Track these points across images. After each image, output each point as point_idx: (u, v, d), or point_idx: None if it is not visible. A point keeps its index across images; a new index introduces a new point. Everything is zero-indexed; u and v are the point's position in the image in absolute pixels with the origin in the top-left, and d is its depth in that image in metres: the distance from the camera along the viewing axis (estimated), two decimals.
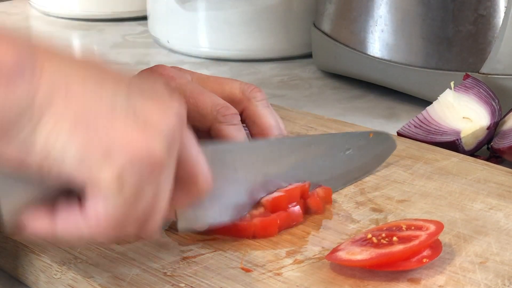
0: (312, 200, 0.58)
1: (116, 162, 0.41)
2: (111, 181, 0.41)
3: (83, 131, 0.41)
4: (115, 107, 0.42)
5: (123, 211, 0.43)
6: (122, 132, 0.41)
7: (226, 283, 0.50)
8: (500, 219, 0.57)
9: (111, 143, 0.41)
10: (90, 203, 0.42)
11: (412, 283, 0.50)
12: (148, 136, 0.42)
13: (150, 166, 0.42)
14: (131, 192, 0.42)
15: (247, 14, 1.03)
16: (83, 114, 0.41)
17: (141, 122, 0.42)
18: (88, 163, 0.41)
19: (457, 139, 0.71)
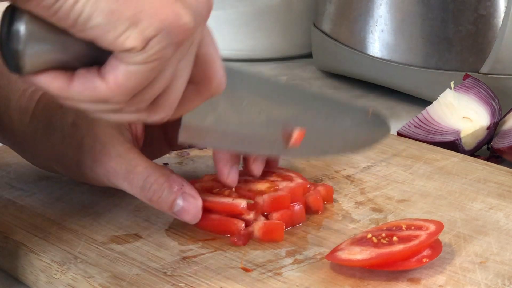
0: (313, 199, 0.58)
1: (143, 28, 0.41)
2: (137, 47, 0.41)
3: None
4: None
5: (143, 79, 0.42)
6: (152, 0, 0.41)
7: (226, 283, 0.50)
8: (500, 219, 0.57)
9: (140, 9, 0.41)
10: (111, 67, 0.42)
11: (412, 283, 0.50)
12: (178, 5, 0.42)
13: (177, 35, 0.42)
14: (154, 61, 0.42)
15: (247, 14, 1.03)
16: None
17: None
18: (115, 26, 0.41)
19: (457, 139, 0.71)
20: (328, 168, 0.67)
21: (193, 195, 0.55)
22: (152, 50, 0.41)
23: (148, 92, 0.43)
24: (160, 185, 0.54)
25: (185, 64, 0.44)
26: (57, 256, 0.53)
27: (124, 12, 0.40)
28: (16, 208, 0.60)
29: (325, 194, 0.60)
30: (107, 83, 0.42)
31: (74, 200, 0.61)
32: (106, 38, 0.41)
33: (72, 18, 0.40)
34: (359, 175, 0.65)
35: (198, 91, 0.47)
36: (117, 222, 0.58)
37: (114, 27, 0.41)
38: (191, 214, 0.55)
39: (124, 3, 0.41)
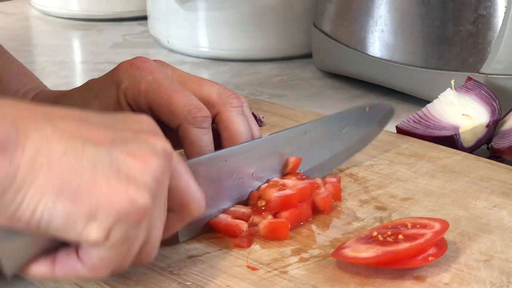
0: (321, 199, 0.58)
1: (102, 221, 0.43)
2: (99, 238, 0.43)
3: (68, 197, 0.42)
4: (97, 166, 0.43)
5: (117, 257, 0.44)
6: (105, 191, 0.43)
7: (232, 281, 0.50)
8: (504, 217, 0.58)
9: (96, 204, 0.42)
10: (85, 252, 0.44)
11: (417, 280, 0.50)
12: (131, 190, 0.43)
13: (136, 218, 0.44)
14: (121, 243, 0.44)
15: (247, 14, 1.03)
16: (67, 181, 0.42)
17: (124, 177, 0.43)
18: (75, 226, 0.43)
19: (456, 134, 0.72)
20: None
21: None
22: (115, 237, 0.43)
23: (126, 259, 0.45)
24: None
25: (157, 216, 0.46)
26: None
27: (80, 211, 0.42)
28: None
29: (334, 192, 0.60)
30: (85, 267, 0.44)
31: None
32: (70, 237, 0.43)
33: (33, 225, 0.42)
34: (363, 173, 0.65)
35: (178, 218, 0.49)
36: None
37: (74, 226, 0.43)
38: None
39: (78, 202, 0.42)
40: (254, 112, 0.76)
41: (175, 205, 0.48)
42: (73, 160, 0.42)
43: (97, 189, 0.43)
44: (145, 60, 0.61)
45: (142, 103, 0.59)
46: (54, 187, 0.42)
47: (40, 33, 1.26)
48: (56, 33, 1.22)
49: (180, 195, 0.48)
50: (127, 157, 0.44)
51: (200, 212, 0.49)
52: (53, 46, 1.16)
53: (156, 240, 0.47)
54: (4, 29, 1.25)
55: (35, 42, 1.22)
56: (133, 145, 0.45)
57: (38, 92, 0.67)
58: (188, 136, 0.58)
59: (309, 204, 0.58)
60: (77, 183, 0.42)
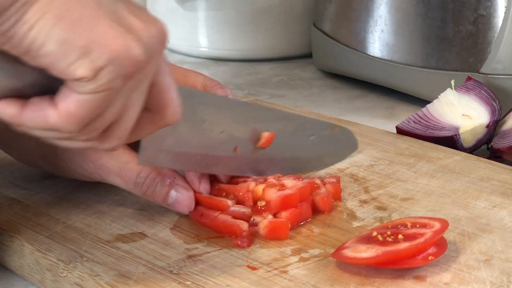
0: (321, 199, 0.58)
1: (94, 58, 0.42)
2: (88, 76, 0.42)
3: (66, 24, 0.41)
4: (101, 6, 0.42)
5: (93, 108, 0.43)
6: (104, 31, 0.42)
7: (232, 281, 0.50)
8: (504, 217, 0.58)
9: (92, 40, 0.42)
10: (62, 96, 0.43)
11: (417, 280, 0.50)
12: (129, 38, 0.42)
13: (127, 67, 0.43)
14: (104, 91, 0.43)
15: (247, 14, 1.03)
16: (70, 6, 0.41)
17: (125, 25, 0.43)
18: (66, 56, 0.41)
19: (456, 135, 0.72)
20: (331, 166, 0.67)
21: (185, 187, 0.57)
22: (102, 80, 0.42)
23: (99, 122, 0.44)
24: (153, 180, 0.57)
25: (137, 96, 0.45)
26: (63, 254, 0.53)
27: (76, 42, 0.41)
28: (21, 207, 0.60)
29: (334, 193, 0.60)
30: (58, 112, 0.43)
31: (78, 199, 0.61)
32: (58, 66, 0.42)
33: (25, 44, 0.41)
34: (363, 173, 0.65)
35: (153, 120, 0.48)
36: (122, 221, 0.58)
37: (65, 55, 0.41)
38: (185, 205, 0.57)
39: (77, 32, 0.41)
40: None
41: (152, 104, 0.47)
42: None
43: (97, 26, 0.42)
44: None
45: None
46: (56, 10, 0.41)
47: None
48: None
49: (160, 94, 0.46)
50: (129, 14, 0.43)
51: (174, 119, 0.48)
52: None
53: (129, 122, 0.45)
54: None
55: None
56: (137, 9, 0.44)
57: None
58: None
59: (309, 204, 0.58)
60: (79, 14, 0.41)
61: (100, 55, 0.42)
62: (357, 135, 0.72)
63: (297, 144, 0.64)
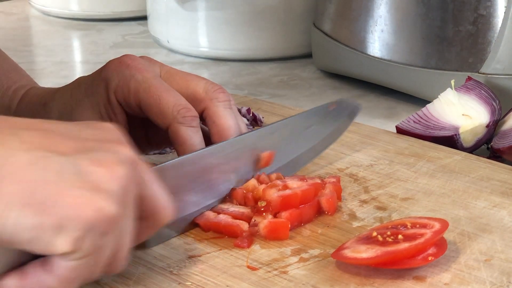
0: (326, 200, 0.58)
1: (69, 232, 0.42)
2: (68, 249, 0.42)
3: (34, 209, 0.42)
4: (63, 177, 0.43)
5: (87, 267, 0.44)
6: (72, 201, 0.42)
7: (232, 282, 0.50)
8: (504, 217, 0.58)
9: (62, 214, 0.42)
10: (54, 264, 0.44)
11: (417, 281, 0.50)
12: (98, 199, 0.43)
13: (103, 227, 0.43)
14: (90, 253, 0.43)
15: (247, 14, 1.03)
16: (32, 192, 0.42)
17: (90, 185, 0.43)
18: (42, 237, 0.42)
19: (455, 134, 0.72)
20: (331, 166, 0.67)
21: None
22: (84, 247, 0.43)
23: (97, 268, 0.45)
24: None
25: (125, 224, 0.45)
26: None
27: (46, 223, 0.42)
28: None
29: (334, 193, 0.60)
30: (55, 278, 0.44)
31: None
32: (38, 249, 0.43)
33: (4, 238, 0.42)
34: (363, 173, 0.65)
35: (148, 226, 0.48)
36: None
37: (41, 238, 0.42)
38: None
39: (45, 214, 0.42)
40: (254, 112, 0.76)
41: (144, 213, 0.47)
42: (38, 172, 0.42)
43: (64, 200, 0.42)
44: (134, 58, 0.61)
45: (131, 102, 0.60)
46: (19, 199, 0.41)
47: (40, 33, 1.26)
48: (56, 33, 1.22)
49: (148, 203, 0.47)
50: (92, 166, 0.43)
51: (168, 219, 0.49)
52: (53, 46, 1.16)
53: (126, 248, 0.46)
54: (4, 29, 1.25)
55: (35, 42, 1.22)
56: (98, 153, 0.44)
57: (29, 90, 0.67)
58: (179, 135, 0.58)
59: (313, 206, 0.58)
60: (43, 195, 0.42)
61: (75, 227, 0.42)
62: (357, 135, 0.73)
63: (296, 144, 0.64)
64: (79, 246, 0.43)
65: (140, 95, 0.59)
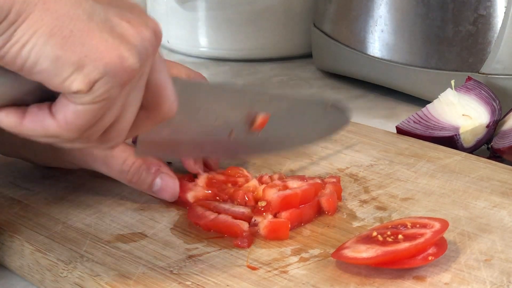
0: (326, 200, 0.58)
1: (89, 72, 0.42)
2: (82, 87, 0.42)
3: (58, 41, 0.42)
4: (93, 18, 0.43)
5: (91, 117, 0.44)
6: (97, 44, 0.42)
7: (232, 281, 0.50)
8: (504, 217, 0.58)
9: (85, 54, 0.42)
10: (60, 106, 0.43)
11: (417, 280, 0.50)
12: (122, 48, 0.43)
13: (122, 77, 0.43)
14: (101, 101, 0.43)
15: (247, 14, 1.03)
16: (60, 22, 0.42)
17: (117, 35, 0.43)
18: (61, 72, 0.42)
19: (456, 135, 0.72)
20: (331, 166, 0.67)
21: (170, 175, 0.59)
22: (98, 92, 0.43)
23: (98, 127, 0.45)
24: (138, 167, 0.58)
25: (133, 97, 0.46)
26: (63, 254, 0.53)
27: (69, 58, 0.42)
28: (21, 207, 0.60)
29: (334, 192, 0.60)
30: (57, 122, 0.44)
31: (78, 199, 0.61)
32: (53, 82, 0.42)
33: (18, 63, 0.42)
34: (363, 173, 0.65)
35: (150, 116, 0.48)
36: (122, 221, 0.58)
37: (60, 72, 0.42)
38: (169, 193, 0.59)
39: (69, 48, 0.42)
40: None
41: (149, 101, 0.47)
42: (69, 6, 0.42)
43: (89, 40, 0.42)
44: None
45: None
46: (47, 27, 0.41)
47: None
48: None
49: (156, 91, 0.47)
50: (121, 20, 0.44)
51: (170, 115, 0.48)
52: None
53: (127, 122, 0.46)
54: None
55: None
56: (129, 13, 0.45)
57: None
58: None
59: (313, 206, 0.58)
60: (70, 29, 0.42)
61: (94, 68, 0.42)
62: (357, 135, 0.73)
63: (289, 123, 0.64)
64: (93, 88, 0.42)
65: None
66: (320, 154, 0.69)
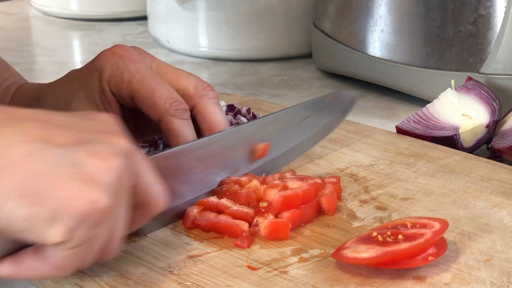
0: (326, 200, 0.58)
1: (63, 222, 0.43)
2: (60, 239, 0.43)
3: (29, 200, 0.43)
4: (59, 169, 0.43)
5: (80, 256, 0.45)
6: (66, 193, 0.43)
7: (232, 281, 0.50)
8: (504, 217, 0.58)
9: (57, 206, 0.43)
10: (49, 252, 0.45)
11: (417, 281, 0.50)
12: (91, 191, 0.44)
13: (97, 218, 0.44)
14: (82, 242, 0.44)
15: (247, 14, 1.03)
16: (29, 183, 0.43)
17: (85, 177, 0.44)
18: (36, 227, 0.43)
19: (456, 135, 0.72)
20: (331, 166, 0.67)
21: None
22: (77, 237, 0.44)
23: (89, 257, 0.46)
24: None
25: (119, 214, 0.46)
26: None
27: (41, 214, 0.43)
28: None
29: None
30: (49, 266, 0.45)
31: None
32: (31, 238, 0.44)
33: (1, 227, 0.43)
34: (363, 173, 0.65)
35: (141, 215, 0.49)
36: None
37: (35, 228, 0.43)
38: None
39: (40, 205, 0.43)
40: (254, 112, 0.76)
41: (138, 202, 0.48)
42: (35, 163, 0.43)
43: (58, 192, 0.43)
44: (126, 48, 0.62)
45: (124, 92, 0.60)
46: (15, 190, 0.42)
47: (40, 33, 1.26)
48: (56, 33, 1.22)
49: (143, 193, 0.48)
50: (88, 157, 0.44)
51: (162, 208, 0.50)
52: (53, 46, 1.16)
53: (118, 238, 0.47)
54: (4, 29, 1.25)
55: (35, 42, 1.22)
56: (95, 145, 0.45)
57: (21, 85, 0.67)
58: (172, 127, 0.59)
59: (313, 206, 0.58)
60: (38, 186, 0.43)
61: (67, 218, 0.43)
62: (357, 135, 0.73)
63: (292, 135, 0.64)
64: (71, 237, 0.43)
65: (133, 86, 0.60)
66: (320, 154, 0.69)
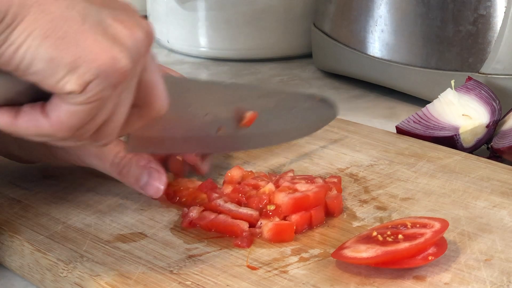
0: (331, 202, 0.58)
1: (82, 73, 0.43)
2: (75, 88, 0.43)
3: (52, 42, 0.42)
4: (86, 20, 0.43)
5: (84, 117, 0.44)
6: (90, 45, 0.43)
7: (232, 281, 0.50)
8: (504, 217, 0.58)
9: (79, 55, 0.43)
10: (53, 106, 0.44)
11: (417, 280, 0.50)
12: (115, 50, 0.44)
13: (114, 78, 0.44)
14: (93, 102, 0.44)
15: (247, 14, 1.03)
16: (55, 24, 0.42)
17: (110, 36, 0.44)
18: (55, 73, 0.43)
19: (455, 135, 0.72)
20: (331, 166, 0.67)
21: (158, 170, 0.59)
22: (90, 92, 0.44)
23: (90, 125, 0.46)
24: (129, 160, 0.59)
25: (125, 96, 0.46)
26: (63, 254, 0.53)
27: (63, 59, 0.42)
28: (21, 207, 0.60)
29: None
30: (50, 121, 0.44)
31: (78, 199, 0.61)
32: (47, 83, 0.43)
33: (13, 64, 0.42)
34: (363, 173, 0.65)
35: (141, 114, 0.49)
36: (122, 221, 0.58)
37: (54, 73, 0.43)
38: (154, 187, 0.58)
39: (63, 50, 0.42)
40: None
41: (140, 100, 0.48)
42: (63, 8, 0.43)
43: (83, 41, 0.43)
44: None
45: None
46: (41, 29, 0.42)
47: None
48: None
49: (147, 89, 0.48)
50: (114, 21, 0.45)
51: (161, 112, 0.49)
52: None
53: (119, 121, 0.47)
54: None
55: None
56: (122, 14, 0.45)
57: None
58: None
59: (323, 208, 0.57)
60: (65, 31, 0.42)
61: (87, 69, 0.43)
62: (357, 135, 0.73)
63: (277, 118, 0.64)
64: (86, 89, 0.43)
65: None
66: (320, 154, 0.69)
